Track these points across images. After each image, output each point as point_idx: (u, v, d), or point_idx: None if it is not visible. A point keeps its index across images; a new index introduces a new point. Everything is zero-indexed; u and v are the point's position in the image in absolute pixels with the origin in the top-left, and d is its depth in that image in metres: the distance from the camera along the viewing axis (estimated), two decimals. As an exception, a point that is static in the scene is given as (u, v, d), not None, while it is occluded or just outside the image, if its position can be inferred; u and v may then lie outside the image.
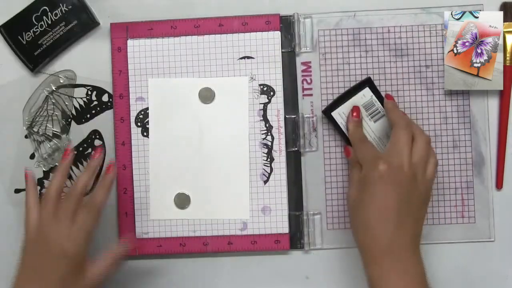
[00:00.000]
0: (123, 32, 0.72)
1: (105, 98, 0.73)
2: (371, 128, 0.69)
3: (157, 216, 0.71)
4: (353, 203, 0.65)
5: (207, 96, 0.71)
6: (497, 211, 0.71)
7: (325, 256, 0.71)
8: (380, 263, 0.61)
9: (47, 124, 0.72)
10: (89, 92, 0.73)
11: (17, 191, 0.73)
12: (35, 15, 0.71)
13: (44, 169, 0.73)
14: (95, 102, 0.73)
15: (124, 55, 0.72)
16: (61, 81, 0.72)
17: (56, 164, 0.72)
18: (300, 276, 0.72)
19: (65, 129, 0.73)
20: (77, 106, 0.73)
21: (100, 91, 0.73)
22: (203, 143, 0.71)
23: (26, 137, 0.73)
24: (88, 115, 0.73)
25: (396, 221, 0.61)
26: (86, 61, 0.73)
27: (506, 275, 0.71)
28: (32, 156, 0.73)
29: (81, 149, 0.73)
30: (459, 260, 0.71)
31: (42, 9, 0.71)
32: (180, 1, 0.72)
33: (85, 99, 0.73)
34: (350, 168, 0.68)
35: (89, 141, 0.73)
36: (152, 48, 0.72)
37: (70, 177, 0.72)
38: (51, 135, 0.72)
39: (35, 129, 0.72)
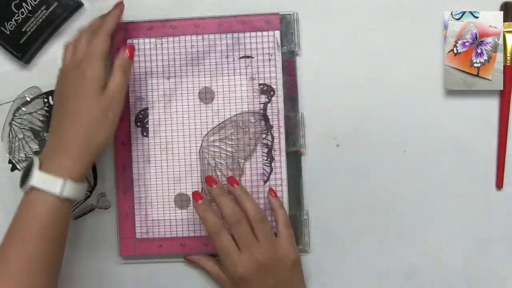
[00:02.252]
0: (123, 32, 0.72)
1: None
2: None
3: (157, 216, 0.71)
4: None
5: (207, 96, 0.71)
6: (497, 210, 0.71)
7: (325, 256, 0.71)
8: None
9: (25, 148, 0.72)
10: (45, 100, 0.72)
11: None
12: (14, 3, 0.70)
13: None
14: None
15: (124, 55, 0.72)
16: (28, 99, 0.72)
17: None
18: (300, 276, 0.72)
19: (44, 142, 0.72)
20: (42, 118, 0.72)
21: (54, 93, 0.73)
22: (203, 146, 0.71)
23: (12, 170, 0.73)
24: None
25: None
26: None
27: (506, 275, 0.71)
28: None
29: None
30: (459, 260, 0.71)
31: (19, -4, 0.71)
32: (180, 1, 0.72)
33: (45, 108, 0.72)
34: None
35: None
36: (152, 48, 0.71)
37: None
38: (33, 155, 0.72)
39: (16, 158, 0.72)
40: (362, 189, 0.71)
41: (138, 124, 0.72)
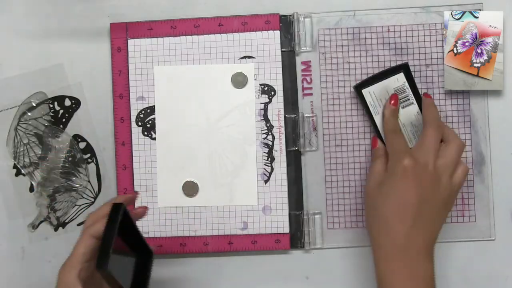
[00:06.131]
0: (123, 32, 0.72)
1: (67, 102, 0.72)
2: (398, 113, 0.69)
3: (164, 204, 0.71)
4: (371, 196, 0.65)
5: (238, 81, 0.71)
6: (498, 210, 0.71)
7: (325, 256, 0.71)
8: (392, 260, 0.61)
9: (29, 154, 0.72)
10: (51, 105, 0.73)
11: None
12: None
13: (47, 195, 0.72)
14: (61, 111, 0.72)
15: (124, 55, 0.72)
16: (34, 104, 0.72)
17: (56, 185, 0.72)
18: (300, 276, 0.72)
19: (48, 148, 0.72)
20: (47, 124, 0.72)
21: (60, 99, 0.73)
22: (210, 132, 0.71)
23: (16, 175, 0.73)
24: (61, 126, 0.73)
25: (413, 219, 0.61)
26: (86, 61, 0.73)
27: (506, 274, 0.71)
28: (31, 189, 0.73)
29: (70, 159, 0.72)
30: (459, 260, 0.71)
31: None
32: (180, 1, 0.72)
33: (51, 113, 0.72)
34: (374, 159, 0.68)
35: (74, 147, 0.72)
36: (153, 48, 0.71)
37: (73, 189, 0.72)
38: (37, 160, 0.72)
39: (21, 163, 0.72)
40: (363, 189, 0.71)
41: (139, 124, 0.72)
